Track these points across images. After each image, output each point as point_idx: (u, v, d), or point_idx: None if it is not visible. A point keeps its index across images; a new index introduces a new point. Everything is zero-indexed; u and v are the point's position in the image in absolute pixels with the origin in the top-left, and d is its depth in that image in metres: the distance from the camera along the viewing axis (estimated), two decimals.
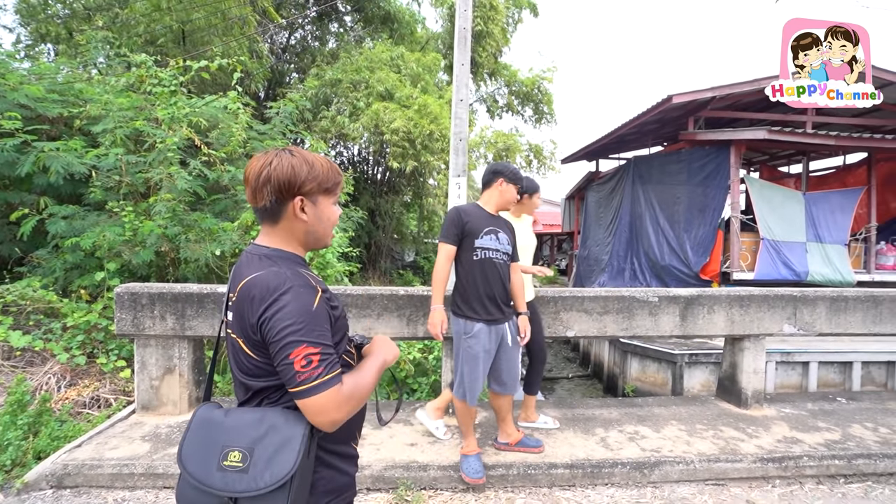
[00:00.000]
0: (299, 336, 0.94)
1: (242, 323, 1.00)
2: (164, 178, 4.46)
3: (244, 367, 1.03)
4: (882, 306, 3.53)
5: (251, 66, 9.00)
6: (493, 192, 2.57)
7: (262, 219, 1.09)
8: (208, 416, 1.01)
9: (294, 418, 0.97)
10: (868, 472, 2.77)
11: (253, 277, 1.00)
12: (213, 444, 0.96)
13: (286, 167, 1.03)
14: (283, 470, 0.92)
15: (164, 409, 3.06)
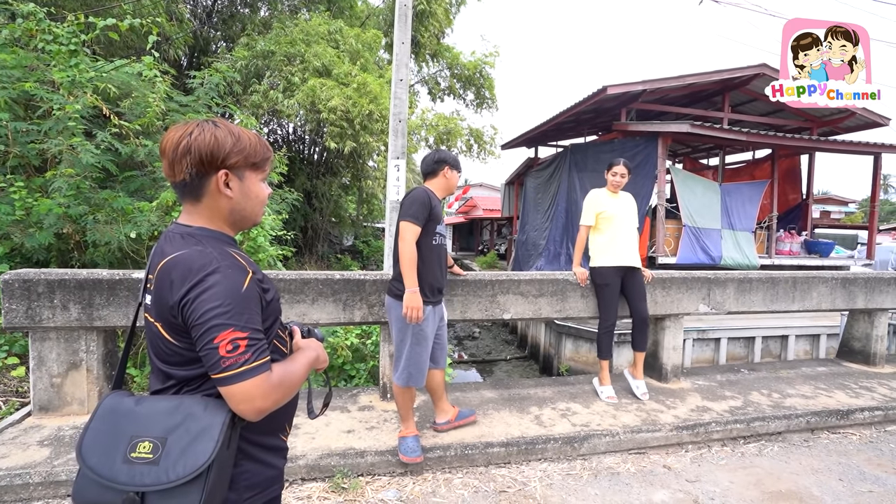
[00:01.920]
0: (225, 319, 0.87)
1: (161, 305, 0.91)
2: (64, 151, 3.94)
3: (162, 353, 0.95)
4: (778, 287, 3.94)
5: (170, 29, 8.16)
6: (440, 179, 2.61)
7: (183, 196, 0.98)
8: (116, 405, 0.91)
9: (214, 406, 0.90)
10: (762, 432, 3.12)
11: (174, 256, 0.91)
12: (120, 435, 0.87)
13: (208, 137, 0.94)
14: (198, 461, 0.83)
15: (69, 410, 2.74)
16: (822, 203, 27.46)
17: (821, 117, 9.66)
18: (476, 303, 3.25)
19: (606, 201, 3.41)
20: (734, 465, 2.74)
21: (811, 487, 2.52)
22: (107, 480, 0.84)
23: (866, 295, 4.18)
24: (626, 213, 3.42)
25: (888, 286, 4.24)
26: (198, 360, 0.91)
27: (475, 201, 26.15)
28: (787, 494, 2.44)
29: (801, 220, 10.36)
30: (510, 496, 2.35)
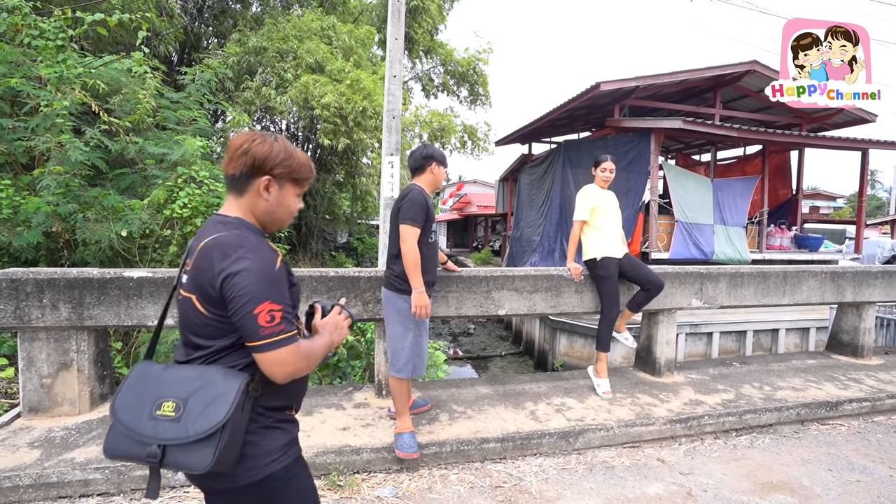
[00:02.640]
0: (263, 292, 0.98)
1: (200, 279, 1.02)
2: (52, 148, 3.89)
3: (193, 324, 1.05)
4: (769, 281, 3.98)
5: (160, 25, 8.05)
6: (428, 175, 2.61)
7: (230, 188, 1.13)
8: (145, 371, 1.04)
9: (232, 375, 1.00)
10: (754, 424, 3.16)
11: (215, 237, 1.03)
12: (148, 395, 0.98)
13: (266, 147, 1.10)
14: (213, 420, 0.93)
15: (60, 410, 2.72)
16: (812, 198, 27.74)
17: (810, 114, 9.76)
18: (471, 299, 3.25)
19: (598, 196, 3.46)
20: (727, 458, 2.77)
21: (801, 478, 2.55)
22: (135, 434, 0.95)
23: (854, 288, 4.23)
24: (615, 208, 3.52)
25: (875, 280, 4.30)
26: (226, 332, 1.03)
27: (469, 198, 26.14)
28: (778, 485, 2.48)
29: (791, 215, 10.48)
30: (506, 491, 2.36)
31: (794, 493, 2.41)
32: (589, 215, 3.44)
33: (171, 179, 4.41)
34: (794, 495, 2.39)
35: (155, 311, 2.77)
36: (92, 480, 2.18)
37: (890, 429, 3.22)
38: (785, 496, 2.38)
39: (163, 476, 2.25)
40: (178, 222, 4.42)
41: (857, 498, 2.38)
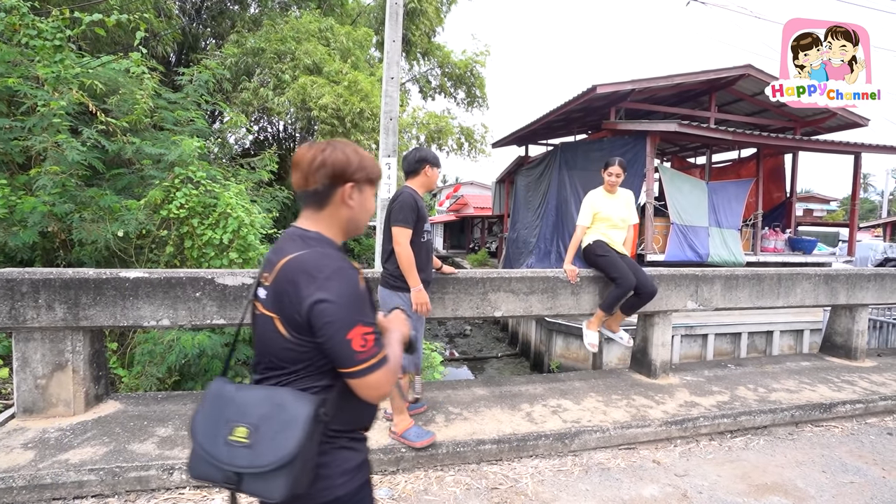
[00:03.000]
0: (354, 316, 0.96)
1: (282, 302, 0.99)
2: (49, 148, 3.88)
3: (272, 345, 1.03)
4: (763, 283, 4.02)
5: (158, 25, 8.04)
6: (422, 177, 2.68)
7: (308, 203, 1.10)
8: (220, 390, 1.02)
9: (301, 399, 0.97)
10: (749, 426, 3.18)
11: (297, 256, 1.00)
12: (222, 418, 0.97)
13: (340, 155, 1.07)
14: (284, 450, 0.91)
15: (55, 411, 2.70)
16: (805, 201, 27.98)
17: (804, 117, 9.84)
18: (467, 300, 3.26)
19: (602, 202, 3.53)
20: (722, 459, 2.79)
21: (796, 480, 2.57)
22: (212, 458, 0.94)
23: (847, 291, 4.27)
24: (621, 213, 3.54)
25: (868, 282, 4.34)
26: (307, 357, 1.00)
27: (466, 199, 26.18)
28: (772, 487, 2.50)
29: (785, 217, 10.55)
30: (502, 493, 2.37)
31: (788, 495, 2.43)
32: (590, 221, 3.50)
33: (168, 180, 4.41)
34: (788, 497, 2.41)
35: (151, 312, 2.77)
36: (86, 482, 2.17)
37: (883, 430, 3.25)
38: (779, 498, 2.40)
39: (159, 477, 2.24)
40: (174, 223, 4.41)
41: (850, 499, 2.40)
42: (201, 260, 4.44)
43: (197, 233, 4.42)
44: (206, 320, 2.86)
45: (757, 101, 9.87)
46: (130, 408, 2.89)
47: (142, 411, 2.85)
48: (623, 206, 3.56)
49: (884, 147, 9.34)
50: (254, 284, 1.11)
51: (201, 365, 4.31)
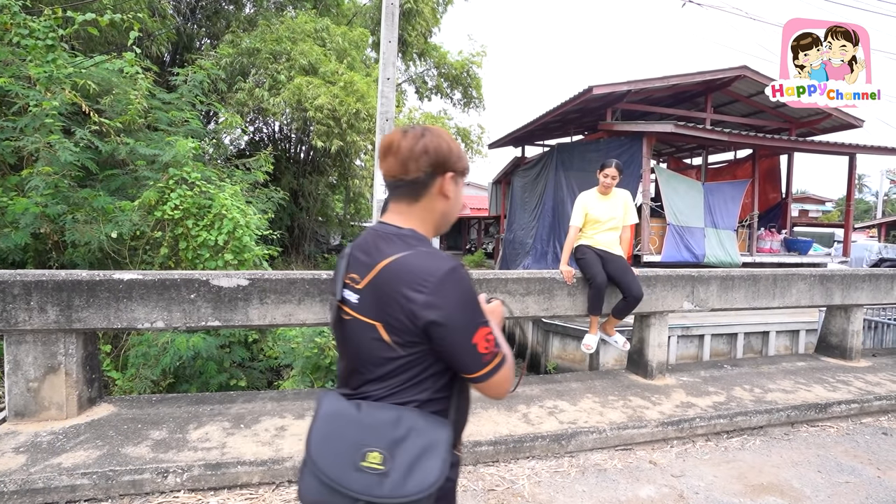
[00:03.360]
0: (476, 318, 0.91)
1: (387, 309, 0.90)
2: (41, 148, 3.84)
3: (372, 355, 0.94)
4: (759, 284, 4.03)
5: (152, 25, 8.00)
6: None
7: (401, 195, 1.00)
8: (339, 409, 0.91)
9: (434, 422, 0.90)
10: (745, 426, 3.18)
11: (401, 258, 0.91)
12: (348, 441, 0.87)
13: (442, 142, 0.98)
14: (428, 479, 0.85)
15: (47, 415, 2.67)
16: (801, 202, 28.14)
17: (799, 118, 9.90)
18: None
19: (594, 203, 3.56)
20: (718, 460, 2.79)
21: (791, 480, 2.58)
22: (338, 485, 0.85)
23: (843, 291, 4.29)
24: (613, 214, 3.55)
25: (863, 283, 4.36)
26: (415, 366, 0.92)
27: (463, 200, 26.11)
28: (768, 487, 2.50)
29: (780, 218, 10.60)
30: (498, 495, 2.36)
31: (784, 495, 2.43)
32: (583, 222, 3.52)
33: (162, 181, 4.38)
34: (784, 497, 2.41)
35: (145, 314, 2.74)
36: (79, 486, 2.14)
37: (878, 430, 3.26)
38: (775, 498, 2.40)
39: (153, 480, 2.22)
40: (169, 224, 4.38)
41: (845, 499, 2.41)
42: (196, 261, 4.42)
43: (192, 234, 4.40)
44: (200, 322, 2.84)
45: (752, 103, 9.92)
46: (124, 411, 2.87)
47: (136, 414, 2.82)
48: (617, 206, 3.57)
49: (878, 148, 9.40)
50: (337, 285, 1.01)
51: (196, 367, 4.29)
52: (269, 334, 5.19)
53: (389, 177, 1.00)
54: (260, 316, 2.91)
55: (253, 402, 3.10)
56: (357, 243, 1.04)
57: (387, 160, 0.99)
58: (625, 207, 3.62)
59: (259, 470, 2.34)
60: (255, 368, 4.99)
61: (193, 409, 2.95)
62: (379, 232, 1.00)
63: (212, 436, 2.58)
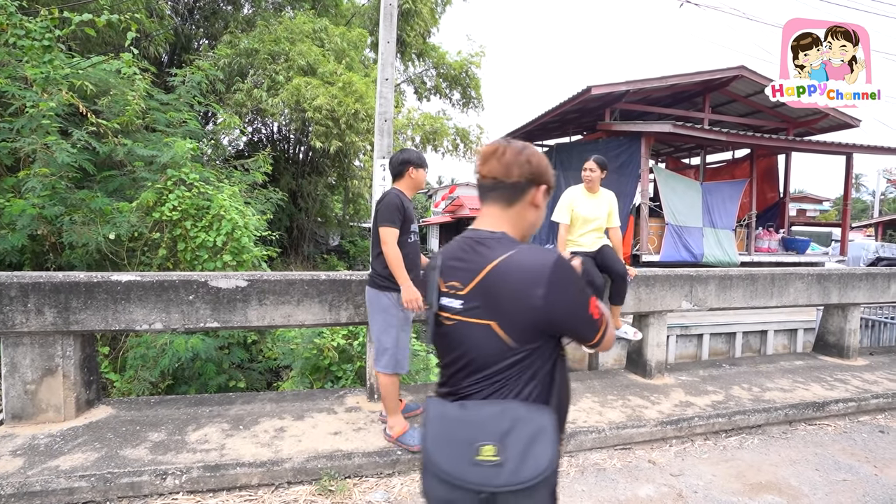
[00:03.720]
0: (586, 292, 1.00)
1: (500, 307, 0.97)
2: (38, 150, 3.83)
3: (486, 352, 0.99)
4: (757, 283, 4.04)
5: (150, 26, 7.98)
6: (407, 179, 2.71)
7: (497, 198, 1.07)
8: (443, 411, 0.98)
9: (536, 410, 0.95)
10: (743, 425, 3.19)
11: (510, 257, 0.97)
12: (460, 439, 0.92)
13: (541, 156, 1.08)
14: (542, 463, 0.89)
15: (44, 417, 2.67)
16: (799, 201, 28.21)
17: (796, 118, 9.92)
18: None
19: (579, 200, 3.55)
20: (716, 459, 2.79)
21: (790, 478, 2.58)
22: (459, 481, 0.90)
23: (840, 290, 4.30)
24: (598, 214, 3.54)
25: (860, 282, 4.37)
26: (520, 356, 0.98)
27: (462, 200, 26.15)
28: (767, 486, 2.50)
29: (778, 217, 10.62)
30: None
31: (782, 493, 2.43)
32: (568, 218, 3.51)
33: (160, 182, 4.37)
34: (782, 495, 2.42)
35: (143, 315, 2.74)
36: (77, 489, 2.14)
37: (875, 428, 3.27)
38: (773, 496, 2.41)
39: (151, 482, 2.22)
40: (167, 225, 4.37)
41: (843, 497, 2.42)
42: (194, 263, 4.41)
43: (190, 235, 4.39)
44: (199, 323, 2.83)
45: (750, 103, 9.94)
46: (122, 413, 2.86)
47: (134, 416, 2.82)
48: (603, 207, 3.56)
49: (875, 148, 9.43)
50: (432, 295, 1.06)
51: (195, 368, 4.28)
52: (269, 335, 5.19)
53: (490, 178, 1.05)
54: (259, 317, 2.91)
55: (252, 403, 3.09)
56: (448, 253, 1.09)
57: (489, 163, 1.05)
58: (609, 209, 3.61)
59: (258, 471, 2.33)
60: (254, 370, 4.98)
61: (192, 410, 2.94)
62: (474, 237, 1.06)
63: (211, 437, 2.58)
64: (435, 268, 1.09)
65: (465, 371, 1.03)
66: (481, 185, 1.08)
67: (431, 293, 1.07)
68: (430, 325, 1.09)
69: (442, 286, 1.06)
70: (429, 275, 1.10)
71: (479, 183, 1.09)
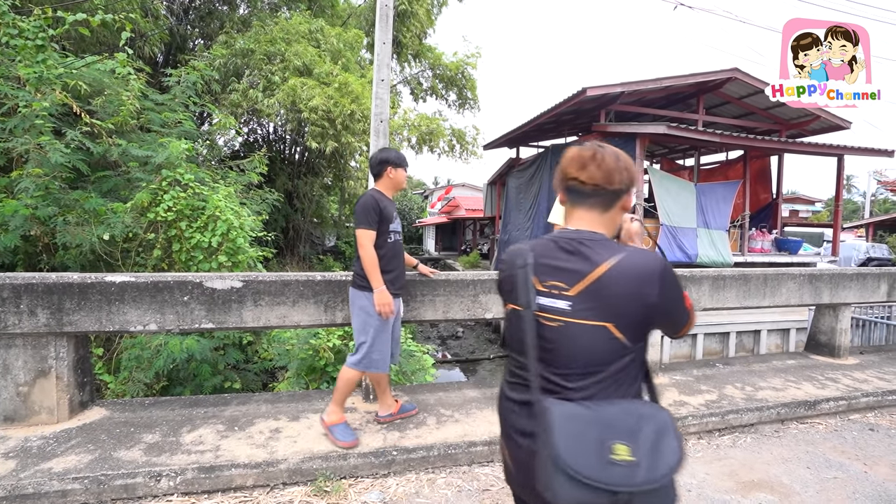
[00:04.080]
0: (682, 287, 1.07)
1: (617, 308, 0.98)
2: (31, 150, 3.81)
3: (601, 353, 1.00)
4: (750, 283, 4.07)
5: (145, 25, 7.95)
6: (386, 179, 2.72)
7: (596, 204, 1.08)
8: (568, 412, 0.95)
9: (651, 406, 0.98)
10: (736, 424, 3.22)
11: (623, 259, 1.00)
12: (592, 440, 0.91)
13: (631, 160, 1.11)
14: (674, 458, 0.90)
15: (37, 419, 2.65)
16: (791, 202, 28.45)
17: (788, 120, 10.02)
18: (458, 302, 3.26)
19: None
20: (710, 457, 2.82)
21: (781, 476, 2.61)
22: (596, 482, 0.87)
23: (831, 290, 4.35)
24: None
25: (850, 282, 4.42)
26: (634, 357, 1.02)
27: (458, 201, 26.21)
28: (759, 484, 2.53)
29: (771, 218, 10.71)
30: (493, 494, 2.37)
31: (774, 491, 2.46)
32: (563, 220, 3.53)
33: (155, 182, 4.36)
34: (774, 493, 2.44)
35: (138, 317, 2.73)
36: (70, 491, 2.13)
37: (865, 426, 3.31)
38: (765, 494, 2.43)
39: (146, 484, 2.21)
40: (162, 226, 4.36)
41: (833, 494, 2.45)
42: (189, 263, 4.40)
43: (185, 236, 4.38)
44: (194, 324, 2.83)
45: (744, 104, 10.03)
46: (117, 414, 2.85)
47: (128, 417, 2.81)
48: None
49: (865, 149, 9.53)
50: (528, 296, 1.04)
51: (190, 370, 4.27)
52: (264, 336, 5.18)
53: (591, 185, 1.06)
54: (254, 318, 2.90)
55: (247, 404, 3.09)
56: (543, 252, 1.08)
57: (588, 169, 1.06)
58: None
59: (253, 472, 2.33)
60: (249, 370, 4.97)
61: (187, 411, 2.94)
62: (575, 238, 1.06)
63: (206, 438, 2.57)
64: (525, 266, 1.06)
65: (578, 372, 1.01)
66: (578, 189, 1.08)
67: (527, 293, 1.04)
68: (526, 326, 1.04)
69: (538, 286, 1.05)
70: (518, 273, 1.07)
71: (573, 187, 1.09)
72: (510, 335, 1.12)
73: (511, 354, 1.15)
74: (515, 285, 1.07)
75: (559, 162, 1.14)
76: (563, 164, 1.12)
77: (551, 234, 1.11)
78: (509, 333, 1.13)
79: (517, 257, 1.10)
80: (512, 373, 1.15)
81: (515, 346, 1.10)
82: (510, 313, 1.12)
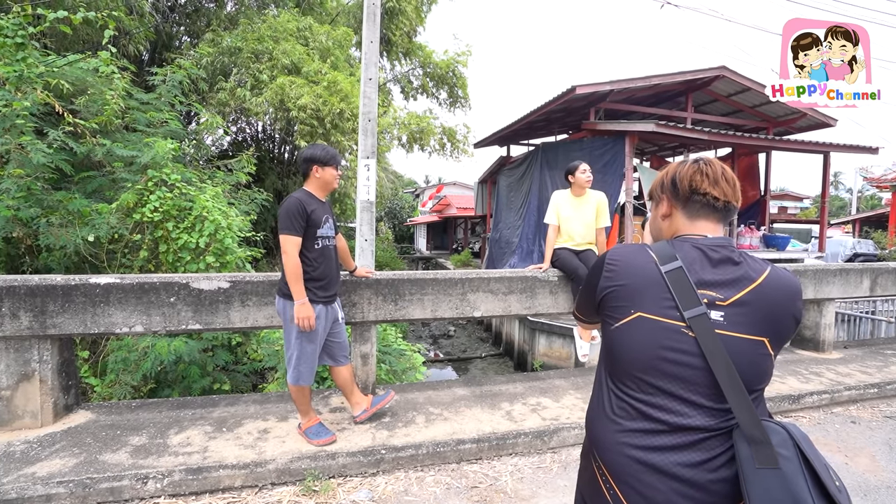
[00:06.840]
0: None
1: (775, 322, 0.93)
2: (12, 150, 3.75)
3: (756, 369, 0.92)
4: None
5: (129, 23, 7.84)
6: (313, 179, 2.55)
7: (721, 219, 1.07)
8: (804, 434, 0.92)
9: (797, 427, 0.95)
10: None
11: (774, 272, 0.98)
12: (823, 464, 0.87)
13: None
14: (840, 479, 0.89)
15: (21, 423, 2.62)
16: (779, 199, 28.83)
17: (776, 118, 10.14)
18: (447, 301, 3.27)
19: (564, 203, 3.67)
20: None
21: None
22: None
23: (815, 286, 4.42)
24: (584, 214, 3.64)
25: (834, 277, 4.50)
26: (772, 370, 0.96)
27: (449, 200, 26.21)
28: None
29: (759, 215, 10.86)
30: (482, 491, 2.38)
31: None
32: (556, 220, 3.64)
33: (140, 183, 4.30)
34: None
35: (123, 318, 2.70)
36: (55, 495, 2.11)
37: (847, 419, 3.37)
38: None
39: (132, 487, 2.19)
40: (148, 227, 4.31)
41: None
42: (177, 264, 4.36)
43: (172, 237, 4.33)
44: (181, 326, 2.81)
45: (732, 102, 10.13)
46: (102, 417, 2.82)
47: (115, 420, 2.78)
48: (589, 210, 3.64)
49: (851, 146, 9.68)
50: (686, 302, 0.93)
51: (178, 371, 4.23)
52: (253, 337, 5.14)
53: (724, 200, 1.04)
54: (242, 318, 2.89)
55: (236, 405, 3.07)
56: (688, 258, 0.99)
57: (720, 186, 1.03)
58: (597, 210, 3.68)
59: (241, 473, 2.32)
60: (239, 372, 4.93)
61: (174, 413, 2.92)
62: (723, 245, 1.01)
63: (193, 440, 2.56)
64: (677, 269, 0.97)
65: (744, 390, 0.92)
66: (711, 204, 1.03)
67: (692, 299, 0.93)
68: (667, 337, 0.93)
69: (699, 291, 0.96)
70: (680, 281, 0.95)
71: (706, 202, 1.03)
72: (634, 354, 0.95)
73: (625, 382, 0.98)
74: (677, 292, 0.94)
75: (670, 174, 1.09)
76: (687, 177, 1.05)
77: (696, 241, 1.02)
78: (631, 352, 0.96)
79: (638, 256, 1.02)
80: (641, 412, 0.95)
81: (652, 370, 0.94)
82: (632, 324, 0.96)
